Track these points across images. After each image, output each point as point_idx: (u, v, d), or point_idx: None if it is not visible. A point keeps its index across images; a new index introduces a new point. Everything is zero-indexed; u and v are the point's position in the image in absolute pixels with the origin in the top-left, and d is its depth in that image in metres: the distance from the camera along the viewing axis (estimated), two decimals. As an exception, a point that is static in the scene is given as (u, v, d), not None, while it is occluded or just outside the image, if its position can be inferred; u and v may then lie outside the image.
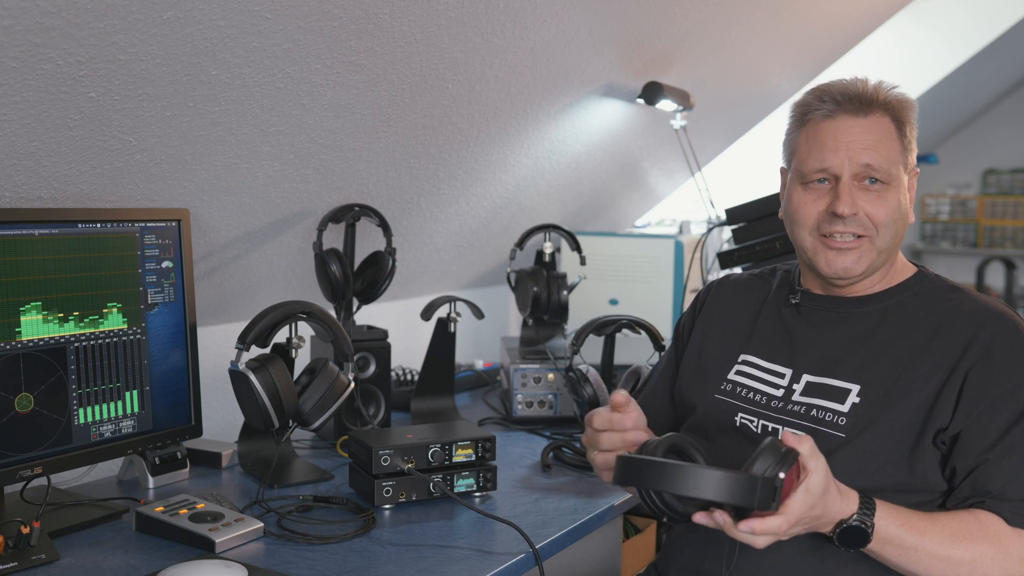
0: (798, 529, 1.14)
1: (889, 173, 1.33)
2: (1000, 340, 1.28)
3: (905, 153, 1.35)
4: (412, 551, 1.40)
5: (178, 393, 1.69)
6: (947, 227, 7.13)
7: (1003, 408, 1.25)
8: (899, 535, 1.19)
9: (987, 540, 1.20)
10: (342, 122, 1.81)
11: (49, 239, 1.48)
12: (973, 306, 1.33)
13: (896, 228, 1.35)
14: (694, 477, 1.05)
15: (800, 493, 1.11)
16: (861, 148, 1.32)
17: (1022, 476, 1.23)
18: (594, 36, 2.14)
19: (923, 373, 1.29)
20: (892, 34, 3.96)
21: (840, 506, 1.17)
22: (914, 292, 1.38)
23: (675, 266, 2.68)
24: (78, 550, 1.39)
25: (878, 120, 1.34)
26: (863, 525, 1.17)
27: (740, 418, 1.39)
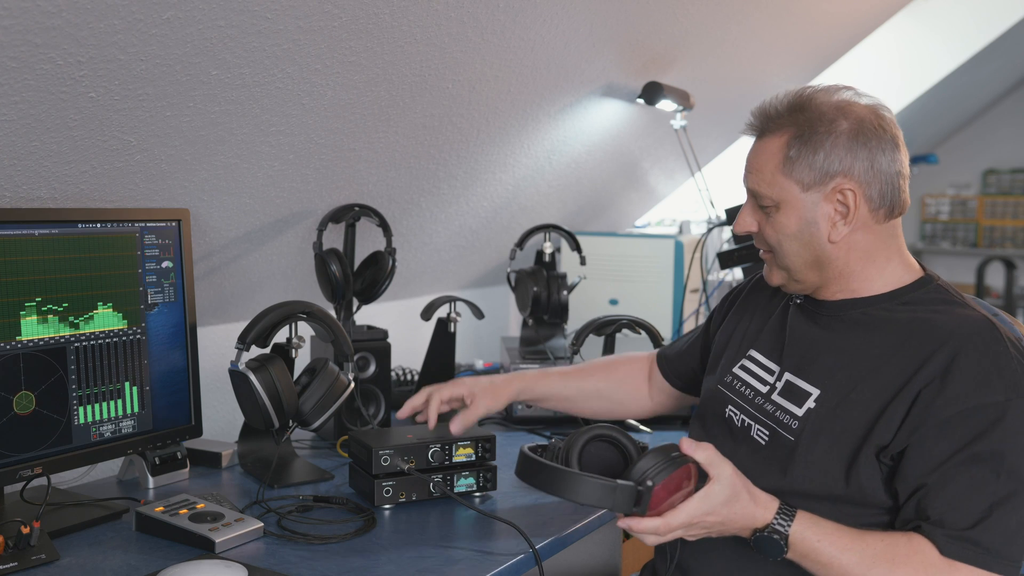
0: (696, 532, 1.19)
1: (771, 197, 1.30)
2: (960, 360, 1.19)
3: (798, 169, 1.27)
4: (412, 551, 1.40)
5: (178, 393, 1.69)
6: (947, 227, 7.13)
7: (951, 432, 1.18)
8: (815, 549, 1.17)
9: (910, 566, 1.15)
10: (342, 122, 1.81)
11: (49, 239, 1.48)
12: (947, 321, 1.25)
13: (791, 250, 1.31)
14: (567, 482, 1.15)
15: (694, 500, 1.16)
16: (746, 172, 1.35)
17: (962, 505, 1.16)
18: (594, 36, 2.14)
19: (876, 386, 1.24)
20: (892, 34, 3.96)
21: (752, 512, 1.18)
22: (903, 300, 1.30)
23: (675, 266, 2.68)
24: (78, 550, 1.39)
25: (767, 141, 1.32)
26: (776, 536, 1.17)
27: (728, 410, 1.41)
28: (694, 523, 1.16)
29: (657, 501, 1.14)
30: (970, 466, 1.16)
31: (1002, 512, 1.15)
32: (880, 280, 1.33)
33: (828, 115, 1.27)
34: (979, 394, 1.18)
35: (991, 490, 1.15)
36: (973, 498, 1.16)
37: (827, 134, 1.26)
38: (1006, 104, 6.83)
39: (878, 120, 1.28)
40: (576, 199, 2.93)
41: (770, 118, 1.32)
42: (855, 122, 1.27)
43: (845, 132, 1.26)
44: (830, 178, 1.27)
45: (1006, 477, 1.16)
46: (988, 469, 1.16)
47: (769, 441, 1.32)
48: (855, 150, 1.26)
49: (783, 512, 1.19)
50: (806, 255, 1.31)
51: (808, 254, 1.31)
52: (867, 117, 1.28)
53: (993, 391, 1.17)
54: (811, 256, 1.31)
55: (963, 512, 1.16)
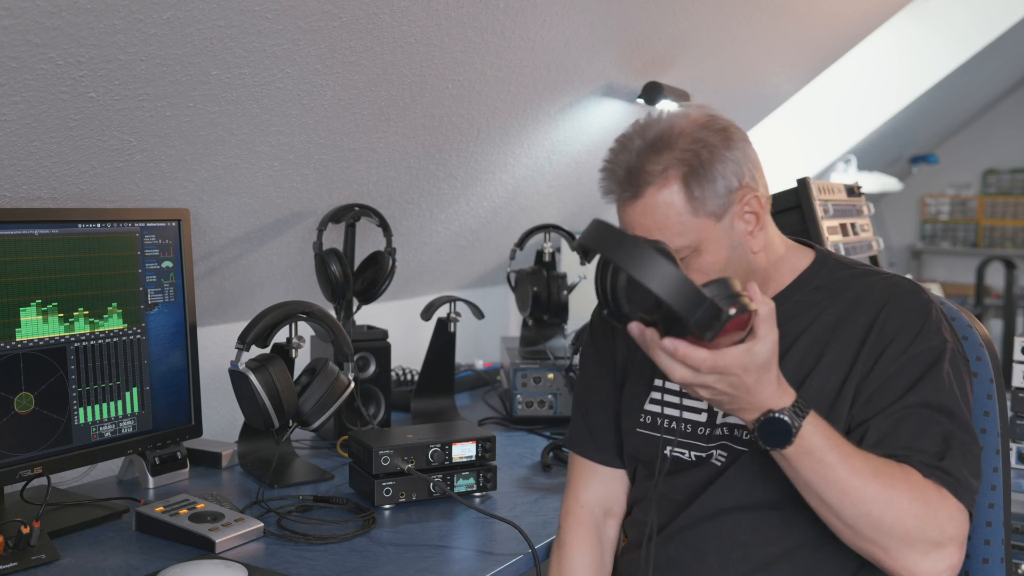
0: (721, 387, 1.08)
1: (689, 245, 1.21)
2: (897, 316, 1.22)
3: (706, 203, 1.20)
4: (412, 551, 1.40)
5: (178, 393, 1.69)
6: (947, 227, 7.13)
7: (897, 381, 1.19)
8: (821, 447, 1.11)
9: (908, 485, 1.12)
10: (342, 122, 1.81)
11: (49, 239, 1.48)
12: (873, 289, 1.26)
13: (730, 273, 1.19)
14: (650, 262, 1.00)
15: (740, 349, 1.06)
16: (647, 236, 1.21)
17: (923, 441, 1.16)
18: (594, 36, 2.14)
19: (826, 370, 1.23)
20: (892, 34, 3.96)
21: (773, 393, 1.10)
22: (815, 286, 1.29)
23: (675, 266, 2.68)
24: (78, 550, 1.39)
25: (654, 195, 1.20)
26: (789, 421, 1.10)
27: (672, 451, 1.33)
28: (731, 374, 1.06)
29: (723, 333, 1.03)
30: (917, 408, 1.18)
31: (956, 445, 1.16)
32: (787, 270, 1.31)
33: (697, 137, 1.21)
34: (917, 344, 1.21)
35: (940, 427, 1.17)
36: (928, 434, 1.16)
37: (711, 156, 1.20)
38: (1006, 104, 6.82)
39: (725, 120, 1.25)
40: (576, 199, 2.93)
41: (641, 169, 1.20)
42: (719, 132, 1.22)
43: (720, 145, 1.21)
44: (732, 195, 1.21)
45: (951, 415, 1.18)
46: (933, 409, 1.18)
47: (726, 460, 1.28)
48: (735, 158, 1.22)
49: (799, 404, 1.12)
50: (740, 275, 1.21)
51: (741, 274, 1.23)
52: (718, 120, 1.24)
53: (925, 340, 1.21)
54: (743, 275, 1.23)
55: (924, 447, 1.16)
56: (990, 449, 1.37)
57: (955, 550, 1.12)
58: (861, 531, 1.13)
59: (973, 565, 1.39)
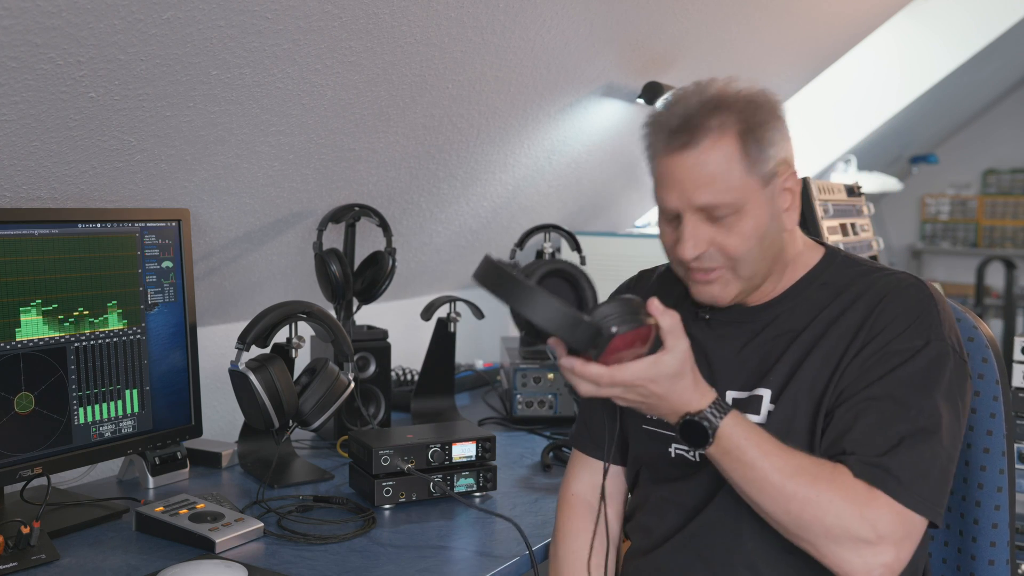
0: (631, 396, 1.11)
1: (734, 203, 1.19)
2: (890, 309, 1.21)
3: (758, 164, 1.20)
4: (412, 551, 1.40)
5: (178, 393, 1.69)
6: (947, 227, 7.13)
7: (868, 370, 1.18)
8: (741, 447, 1.12)
9: (832, 484, 1.12)
10: (342, 122, 1.81)
11: (49, 239, 1.48)
12: (879, 283, 1.25)
13: (760, 252, 1.23)
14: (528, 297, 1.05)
15: (644, 363, 1.09)
16: (694, 188, 1.20)
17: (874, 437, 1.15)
18: (594, 36, 2.14)
19: (818, 362, 1.22)
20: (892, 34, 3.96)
21: (690, 397, 1.12)
22: (822, 281, 1.29)
23: (675, 266, 2.68)
24: (78, 550, 1.39)
25: (712, 145, 1.19)
26: (705, 423, 1.12)
27: (675, 449, 1.32)
28: (636, 386, 1.10)
29: (611, 351, 1.08)
30: (880, 401, 1.17)
31: (912, 444, 1.14)
32: (800, 263, 1.31)
33: (756, 102, 1.23)
34: (900, 339, 1.19)
35: (900, 425, 1.15)
36: (883, 431, 1.15)
37: (766, 123, 1.21)
38: (1006, 104, 6.82)
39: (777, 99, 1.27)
40: (576, 199, 2.93)
41: (700, 121, 1.21)
42: (773, 107, 1.24)
43: (774, 118, 1.23)
44: (778, 166, 1.23)
45: (916, 414, 1.15)
46: (896, 404, 1.16)
47: None
48: (784, 132, 1.24)
49: (717, 404, 1.14)
50: (771, 253, 1.25)
51: (773, 251, 1.25)
52: (776, 100, 1.26)
53: (911, 337, 1.19)
54: (774, 252, 1.26)
55: (873, 443, 1.15)
56: (996, 451, 1.36)
57: (889, 547, 1.11)
58: (786, 527, 1.14)
59: (978, 567, 1.38)
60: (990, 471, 1.37)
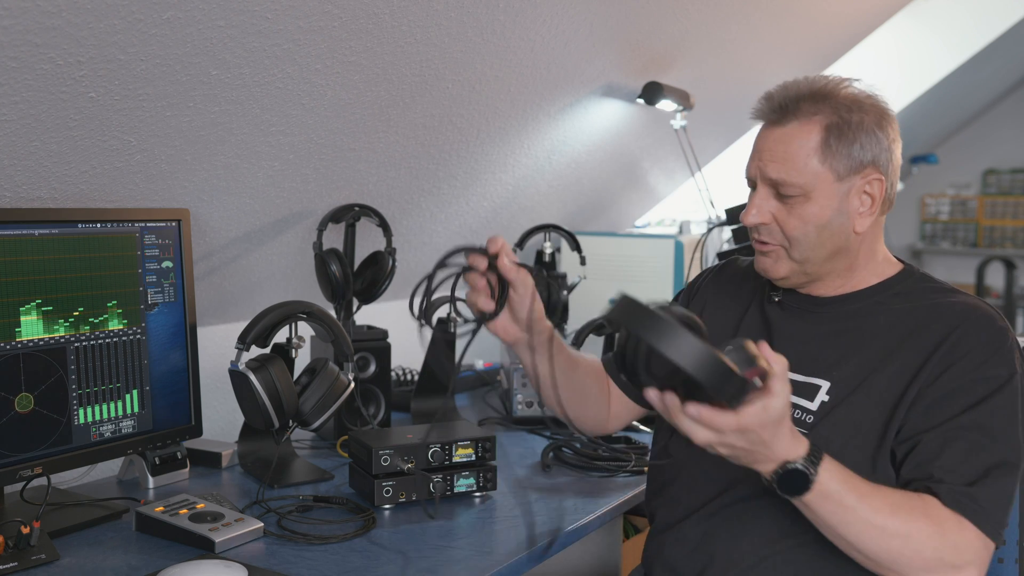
0: (741, 443, 1.10)
1: (800, 186, 1.28)
2: (969, 339, 1.25)
3: (836, 158, 1.27)
4: (412, 551, 1.40)
5: (178, 393, 1.69)
6: (947, 227, 7.14)
7: (953, 400, 1.22)
8: (839, 492, 1.15)
9: (926, 518, 1.16)
10: (342, 122, 1.81)
11: (49, 239, 1.48)
12: (953, 307, 1.29)
13: (817, 240, 1.30)
14: (680, 339, 1.01)
15: (757, 407, 1.08)
16: (769, 160, 1.31)
17: (961, 467, 1.19)
18: (594, 36, 2.14)
19: (891, 373, 1.27)
20: (892, 34, 3.96)
21: (788, 445, 1.13)
22: (896, 292, 1.34)
23: (675, 266, 2.68)
24: (78, 550, 1.39)
25: (796, 128, 1.29)
26: (807, 471, 1.13)
27: None
28: (749, 431, 1.09)
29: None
30: (970, 431, 1.21)
31: (996, 476, 1.19)
32: (874, 273, 1.36)
33: (859, 104, 1.30)
34: (983, 368, 1.23)
35: (987, 455, 1.20)
36: (971, 460, 1.19)
37: (860, 123, 1.28)
38: (1006, 104, 6.83)
39: (892, 114, 1.33)
40: (576, 199, 2.93)
41: (797, 103, 1.30)
42: (879, 114, 1.31)
43: (874, 123, 1.29)
44: (862, 168, 1.29)
45: (1003, 445, 1.20)
46: (985, 435, 1.20)
47: None
48: (882, 141, 1.30)
49: (814, 451, 1.15)
50: (829, 246, 1.31)
51: (832, 245, 1.31)
52: (886, 110, 1.32)
53: (996, 366, 1.23)
54: (834, 247, 1.31)
55: (962, 472, 1.19)
56: None
57: (973, 571, 1.17)
58: (882, 563, 1.17)
59: None
60: None
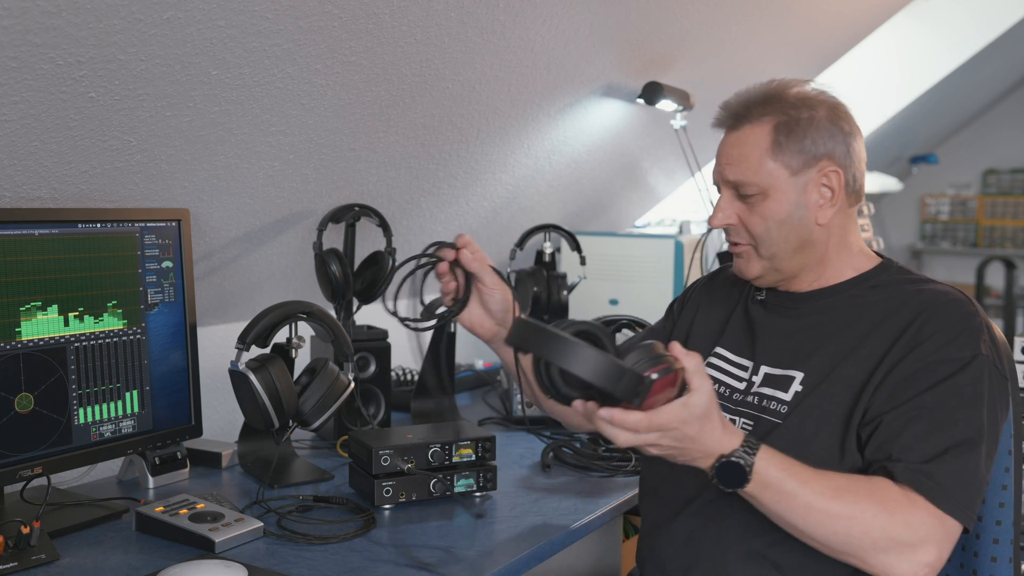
0: (666, 442, 1.13)
1: (757, 185, 1.32)
2: (933, 322, 1.27)
3: (787, 155, 1.31)
4: (412, 551, 1.40)
5: (178, 393, 1.69)
6: (947, 227, 7.14)
7: (915, 380, 1.24)
8: (779, 479, 1.16)
9: (871, 498, 1.17)
10: (342, 122, 1.81)
11: (49, 239, 1.48)
12: (921, 294, 1.31)
13: (780, 235, 1.34)
14: (571, 351, 1.08)
15: (676, 405, 1.12)
16: (727, 163, 1.35)
17: (919, 445, 1.20)
18: (594, 36, 2.14)
19: (859, 360, 1.29)
20: (892, 34, 3.96)
21: (720, 438, 1.16)
22: (871, 284, 1.37)
23: (675, 266, 2.68)
24: (78, 550, 1.39)
25: (749, 130, 1.33)
26: (742, 462, 1.15)
27: None
28: (671, 429, 1.12)
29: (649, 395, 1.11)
30: (931, 410, 1.22)
31: (957, 454, 1.20)
32: (849, 266, 1.39)
33: (807, 102, 1.34)
34: (946, 349, 1.25)
35: (948, 433, 1.20)
36: (930, 439, 1.20)
37: (810, 120, 1.32)
38: (1006, 104, 6.83)
39: (846, 108, 1.37)
40: (576, 199, 2.93)
41: (748, 108, 1.34)
42: (830, 108, 1.35)
43: (825, 117, 1.33)
44: (816, 161, 1.33)
45: (964, 424, 1.21)
46: (945, 414, 1.21)
47: (753, 429, 1.34)
48: (835, 134, 1.33)
49: (748, 442, 1.18)
50: (794, 240, 1.34)
51: (796, 238, 1.34)
52: (839, 104, 1.36)
53: (959, 348, 1.25)
54: (798, 240, 1.35)
55: (920, 450, 1.20)
56: (1002, 450, 1.38)
57: (931, 547, 1.17)
58: (834, 547, 1.18)
59: (981, 564, 1.39)
60: (995, 470, 1.39)
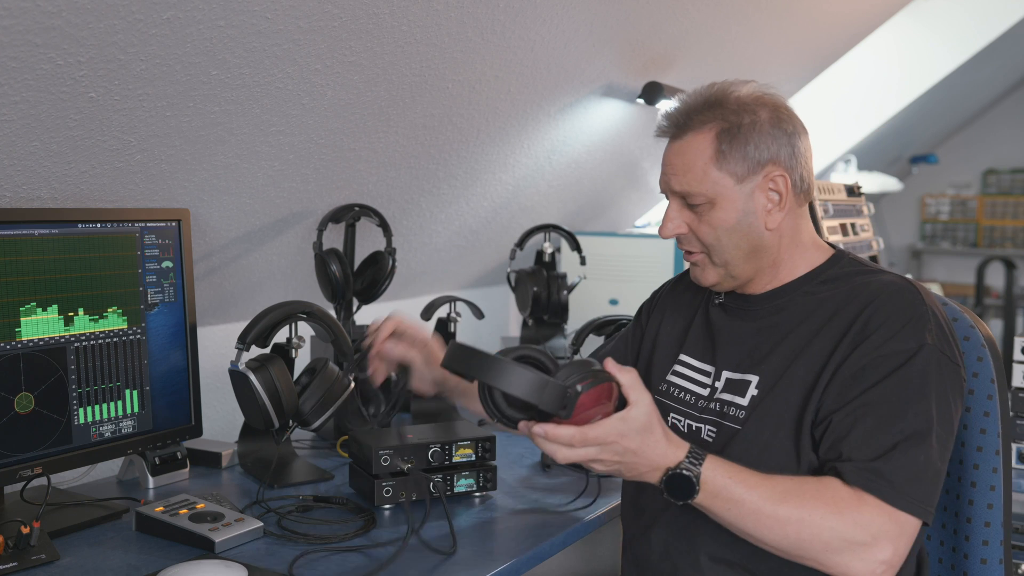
0: (607, 456, 1.15)
1: (704, 195, 1.30)
2: (879, 315, 1.25)
3: (731, 162, 1.29)
4: (412, 551, 1.40)
5: (178, 393, 1.69)
6: (947, 227, 7.13)
7: (863, 376, 1.22)
8: (727, 487, 1.17)
9: (819, 499, 1.16)
10: (342, 122, 1.81)
11: (49, 239, 1.48)
12: (869, 286, 1.29)
13: (730, 243, 1.32)
14: (498, 369, 1.11)
15: (613, 419, 1.13)
16: (672, 174, 1.33)
17: (869, 442, 1.19)
18: (594, 36, 2.14)
19: (808, 359, 1.28)
20: (892, 34, 3.96)
21: (664, 451, 1.17)
22: (822, 280, 1.35)
23: (675, 266, 2.68)
24: (78, 550, 1.39)
25: (692, 139, 1.31)
26: (688, 473, 1.16)
27: (672, 418, 1.40)
28: (609, 443, 1.14)
29: (580, 410, 1.12)
30: (877, 406, 1.21)
31: (906, 448, 1.18)
32: (803, 263, 1.37)
33: (748, 106, 1.31)
34: (890, 343, 1.23)
35: (897, 428, 1.19)
36: (877, 436, 1.19)
37: (752, 124, 1.29)
38: (1006, 104, 6.82)
39: (787, 108, 1.34)
40: (576, 199, 2.93)
41: (689, 116, 1.31)
42: (772, 111, 1.32)
43: (767, 121, 1.30)
44: (761, 167, 1.30)
45: (912, 418, 1.19)
46: (892, 409, 1.20)
47: (716, 436, 1.33)
48: (779, 137, 1.31)
49: (693, 453, 1.18)
50: (745, 246, 1.33)
51: (747, 245, 1.33)
52: (780, 105, 1.34)
53: (903, 340, 1.23)
54: (749, 247, 1.33)
55: (869, 447, 1.19)
56: (989, 450, 1.37)
57: (886, 544, 1.15)
58: (787, 551, 1.18)
59: (971, 565, 1.39)
60: (983, 470, 1.37)
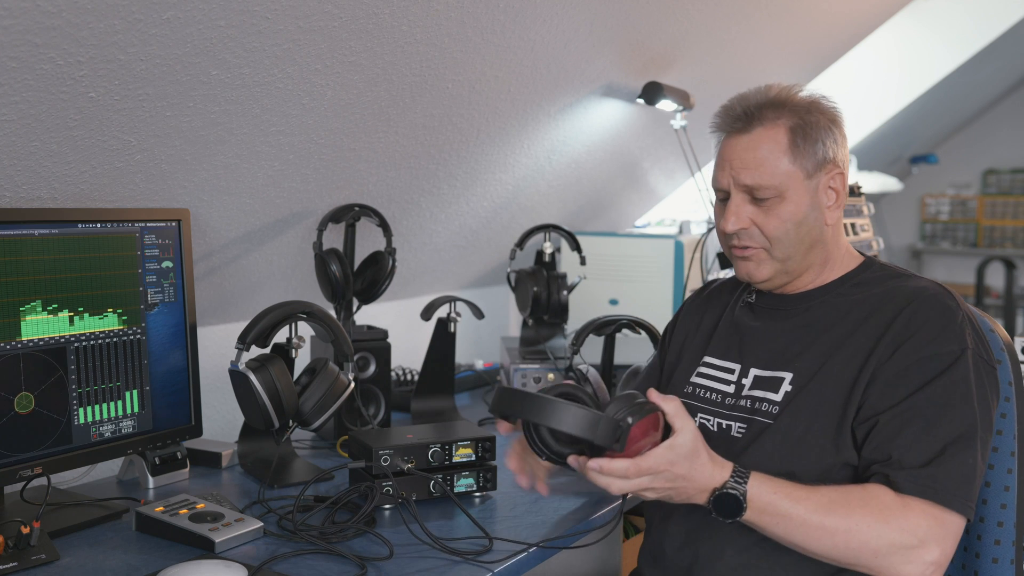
0: (659, 484, 1.19)
1: (775, 188, 1.33)
2: (919, 317, 1.29)
3: (803, 157, 1.33)
4: (412, 551, 1.40)
5: (178, 393, 1.69)
6: (947, 227, 7.13)
7: (906, 378, 1.25)
8: (773, 502, 1.20)
9: (866, 508, 1.19)
10: (342, 122, 1.81)
11: (49, 239, 1.48)
12: (903, 289, 1.34)
13: (796, 236, 1.35)
14: (548, 407, 1.15)
15: (661, 448, 1.18)
16: (741, 168, 1.35)
17: (917, 446, 1.22)
18: (594, 36, 2.14)
19: (846, 356, 1.31)
20: (892, 34, 3.96)
21: (711, 473, 1.21)
22: (855, 282, 1.40)
23: (675, 266, 2.68)
24: (78, 550, 1.39)
25: (763, 134, 1.34)
26: (735, 492, 1.20)
27: (699, 418, 1.42)
28: (660, 471, 1.18)
29: (631, 442, 1.16)
30: (925, 409, 1.23)
31: (955, 452, 1.21)
32: (839, 265, 1.42)
33: (814, 107, 1.37)
34: (934, 344, 1.26)
35: (944, 431, 1.22)
36: (927, 439, 1.22)
37: (818, 124, 1.35)
38: (1006, 104, 6.83)
39: (841, 116, 1.40)
40: (576, 199, 2.93)
41: (759, 110, 1.35)
42: (831, 115, 1.38)
43: (829, 123, 1.37)
44: (825, 164, 1.36)
45: (959, 421, 1.23)
46: (940, 412, 1.23)
47: (747, 431, 1.35)
48: (838, 139, 1.38)
49: (738, 472, 1.22)
50: (808, 240, 1.36)
51: (810, 239, 1.36)
52: (836, 112, 1.39)
53: (946, 343, 1.26)
54: (811, 241, 1.37)
55: (918, 451, 1.22)
56: (1005, 451, 1.38)
57: (934, 547, 1.18)
58: (837, 559, 1.21)
59: (982, 565, 1.39)
60: (998, 470, 1.38)
